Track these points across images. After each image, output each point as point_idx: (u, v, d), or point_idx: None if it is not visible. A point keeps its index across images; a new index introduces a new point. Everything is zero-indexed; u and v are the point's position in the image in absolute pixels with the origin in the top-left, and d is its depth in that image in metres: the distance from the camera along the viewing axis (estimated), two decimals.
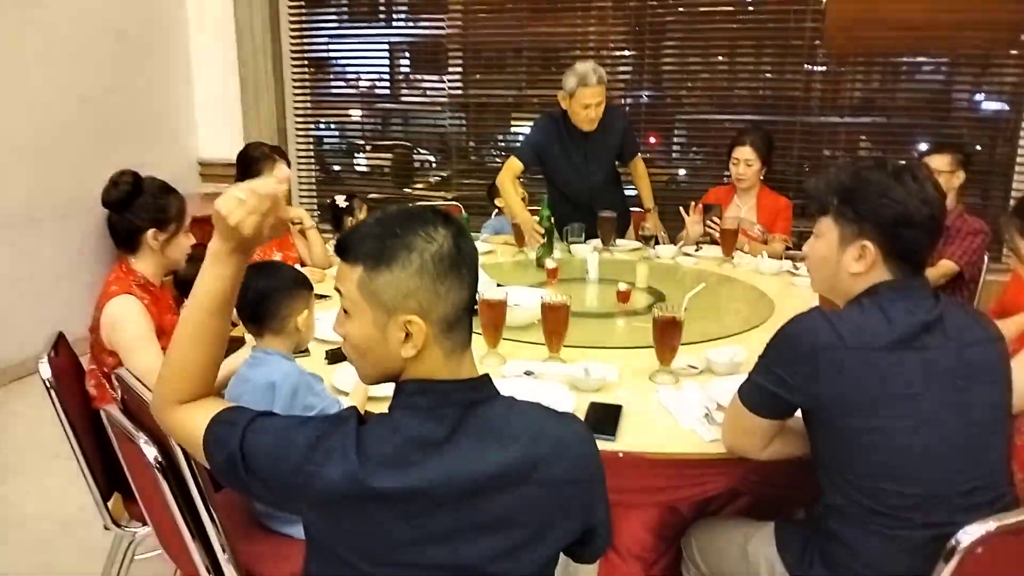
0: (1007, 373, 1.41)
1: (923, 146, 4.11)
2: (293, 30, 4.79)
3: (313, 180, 5.06)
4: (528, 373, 1.90)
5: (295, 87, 4.89)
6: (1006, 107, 3.94)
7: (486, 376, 1.09)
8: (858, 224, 1.38)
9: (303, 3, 4.76)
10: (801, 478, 1.53)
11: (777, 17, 4.10)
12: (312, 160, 5.04)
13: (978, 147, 4.00)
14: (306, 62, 4.87)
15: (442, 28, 4.60)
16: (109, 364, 2.00)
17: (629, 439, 1.61)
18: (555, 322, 1.97)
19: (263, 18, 4.56)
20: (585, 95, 3.22)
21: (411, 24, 4.72)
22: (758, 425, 1.45)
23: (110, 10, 4.20)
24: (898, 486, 1.30)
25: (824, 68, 4.11)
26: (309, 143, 5.01)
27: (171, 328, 2.09)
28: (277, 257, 3.00)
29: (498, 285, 2.35)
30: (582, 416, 1.67)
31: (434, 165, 4.92)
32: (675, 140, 4.49)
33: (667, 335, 1.88)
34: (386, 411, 1.06)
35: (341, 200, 3.49)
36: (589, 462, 1.11)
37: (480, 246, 3.27)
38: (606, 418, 1.67)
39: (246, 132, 4.70)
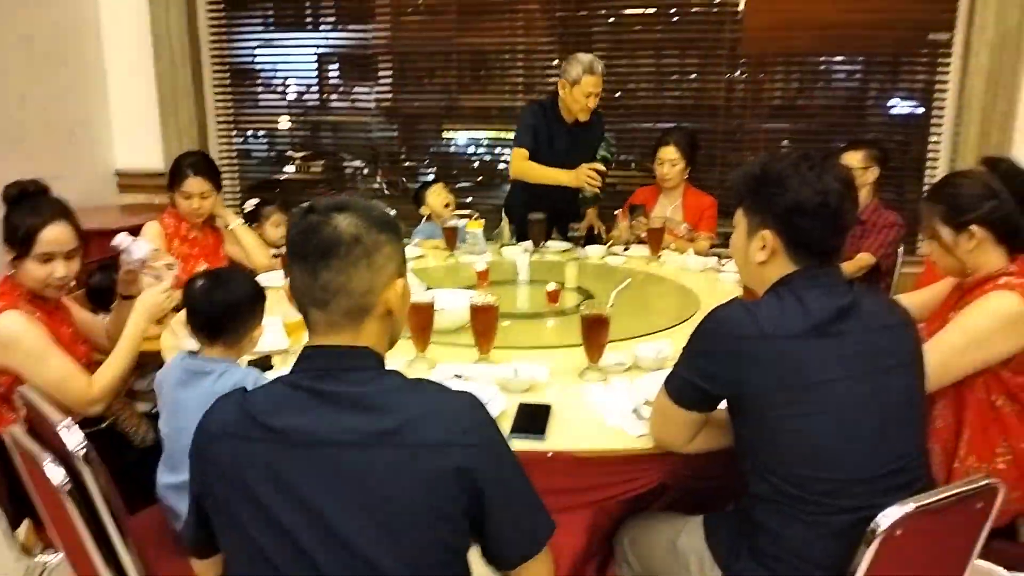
0: (920, 357, 1.45)
1: (841, 144, 4.24)
2: (213, 37, 4.66)
3: (238, 190, 4.93)
4: (457, 376, 1.87)
5: (217, 96, 4.77)
6: (918, 106, 4.09)
7: (365, 350, 1.14)
8: (760, 215, 1.43)
9: (223, 9, 4.64)
10: (730, 469, 1.53)
11: (698, 23, 4.18)
12: (236, 169, 4.91)
13: (892, 145, 4.15)
14: (228, 70, 4.74)
15: (370, 36, 4.55)
16: (3, 383, 1.89)
17: (558, 439, 1.60)
18: (484, 324, 1.95)
19: (181, 24, 4.43)
20: (589, 83, 3.28)
21: (339, 32, 4.65)
22: (683, 417, 1.46)
23: (16, 17, 4.02)
24: (818, 472, 1.32)
25: (745, 73, 4.20)
26: (232, 153, 4.89)
27: (69, 341, 2.02)
28: (203, 268, 2.91)
29: (427, 288, 2.32)
30: (511, 417, 1.65)
31: (365, 174, 4.86)
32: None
33: (594, 332, 1.89)
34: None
35: (249, 204, 3.40)
36: (470, 428, 1.09)
37: (410, 250, 3.23)
38: (535, 418, 1.66)
39: (165, 142, 4.55)
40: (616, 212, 3.55)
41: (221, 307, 1.67)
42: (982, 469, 1.72)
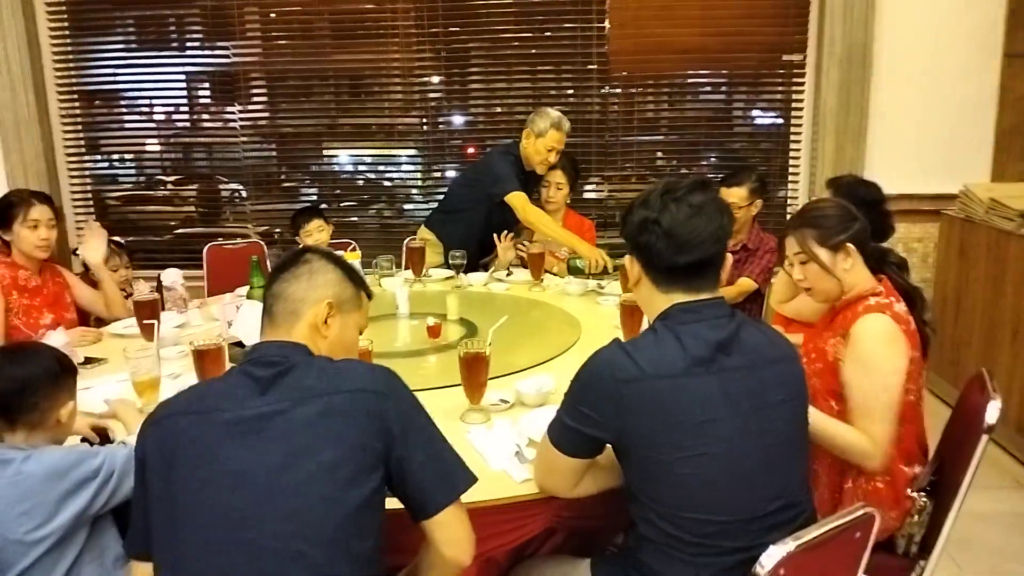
0: (803, 390, 1.44)
1: (711, 157, 4.42)
2: (58, 61, 4.33)
3: (95, 220, 4.59)
4: None
5: (64, 122, 4.43)
6: (778, 120, 4.27)
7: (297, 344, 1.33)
8: (626, 243, 1.49)
9: (67, 32, 4.32)
10: (615, 507, 1.51)
11: (569, 43, 4.22)
12: (89, 199, 4.57)
13: (757, 156, 4.33)
14: (76, 95, 4.42)
15: (240, 56, 4.35)
16: None
17: None
18: None
19: (19, 48, 4.09)
20: (553, 138, 3.30)
21: (207, 52, 4.43)
22: (567, 464, 1.42)
23: None
24: (702, 514, 1.31)
25: (616, 90, 4.27)
26: (85, 181, 4.55)
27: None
28: (47, 320, 2.66)
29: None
30: None
31: (244, 196, 4.65)
32: None
33: (474, 372, 1.83)
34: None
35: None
36: (379, 379, 1.28)
37: None
38: None
39: (9, 175, 4.20)
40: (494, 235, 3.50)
41: (12, 384, 1.47)
42: (868, 489, 1.77)
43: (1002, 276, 3.39)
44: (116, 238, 3.29)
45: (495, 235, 3.46)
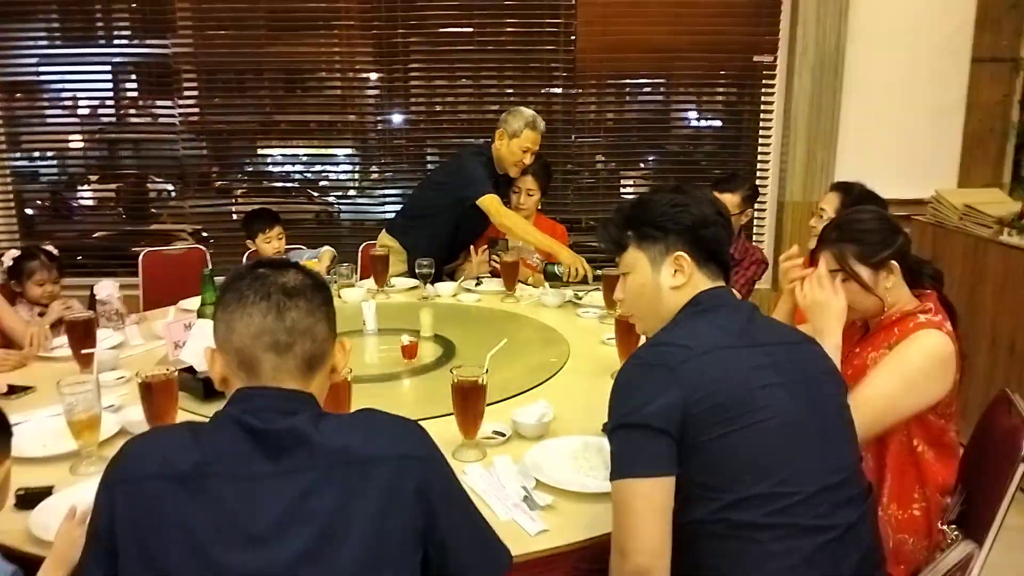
0: (837, 371, 1.43)
1: (673, 158, 4.29)
2: None
3: (15, 222, 4.19)
4: None
5: None
6: (747, 123, 4.17)
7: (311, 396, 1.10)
8: (663, 240, 1.38)
9: None
10: None
11: (526, 41, 4.04)
12: (10, 198, 4.17)
13: (727, 156, 4.23)
14: None
15: (171, 49, 4.03)
16: None
17: None
18: (330, 403, 1.60)
19: None
20: (529, 139, 3.11)
21: (136, 44, 4.09)
22: (654, 491, 1.19)
23: None
24: (774, 486, 1.20)
25: (572, 91, 4.09)
26: (6, 180, 4.14)
27: None
28: None
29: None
30: None
31: (173, 195, 4.33)
32: (429, 164, 4.27)
33: (470, 403, 1.61)
34: None
35: (8, 257, 2.83)
36: (422, 441, 1.08)
37: None
38: None
39: None
40: (469, 247, 3.29)
41: None
42: (902, 518, 1.64)
43: (979, 284, 3.33)
44: (48, 247, 2.96)
45: (471, 247, 3.24)
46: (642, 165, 4.40)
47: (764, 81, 4.05)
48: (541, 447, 1.62)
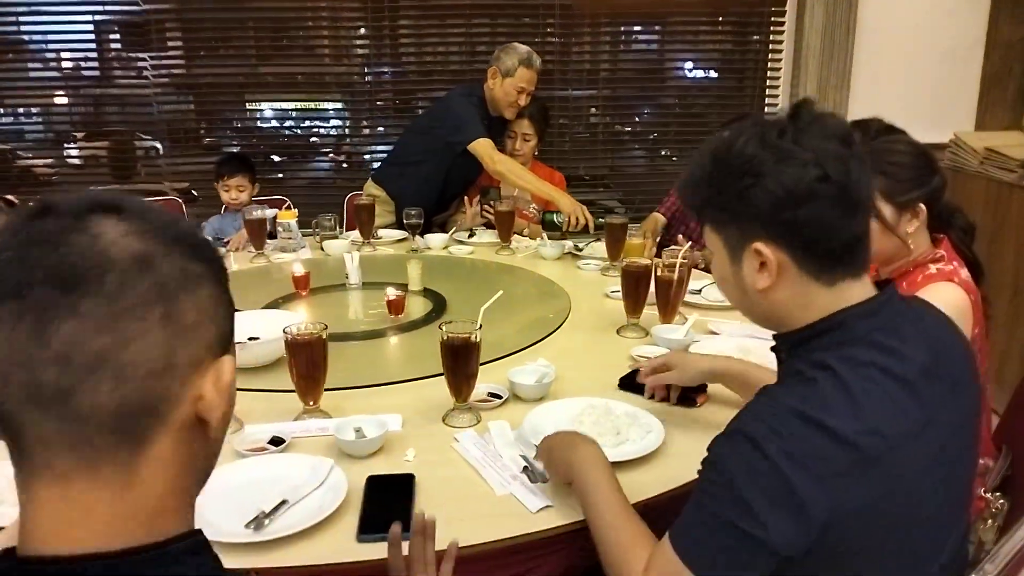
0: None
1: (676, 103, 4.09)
2: None
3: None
4: (275, 442, 1.35)
5: None
6: (757, 61, 3.94)
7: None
8: (736, 225, 0.97)
9: None
10: None
11: None
12: None
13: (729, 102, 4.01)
14: None
15: (155, 3, 3.78)
16: None
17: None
18: (308, 363, 1.42)
19: None
20: (524, 77, 2.89)
21: None
22: None
23: None
24: None
25: (567, 39, 3.85)
26: None
27: None
28: None
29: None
30: (356, 512, 1.16)
31: (161, 152, 4.13)
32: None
33: (461, 362, 1.43)
34: None
35: None
36: None
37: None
38: (394, 500, 1.18)
39: None
40: (460, 196, 3.08)
41: None
42: None
43: (1001, 231, 3.15)
44: (9, 196, 2.73)
45: (464, 196, 3.03)
46: (637, 119, 4.18)
47: (773, 19, 3.81)
48: (542, 410, 1.44)
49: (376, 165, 3.56)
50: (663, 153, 4.23)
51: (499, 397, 1.53)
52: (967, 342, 1.05)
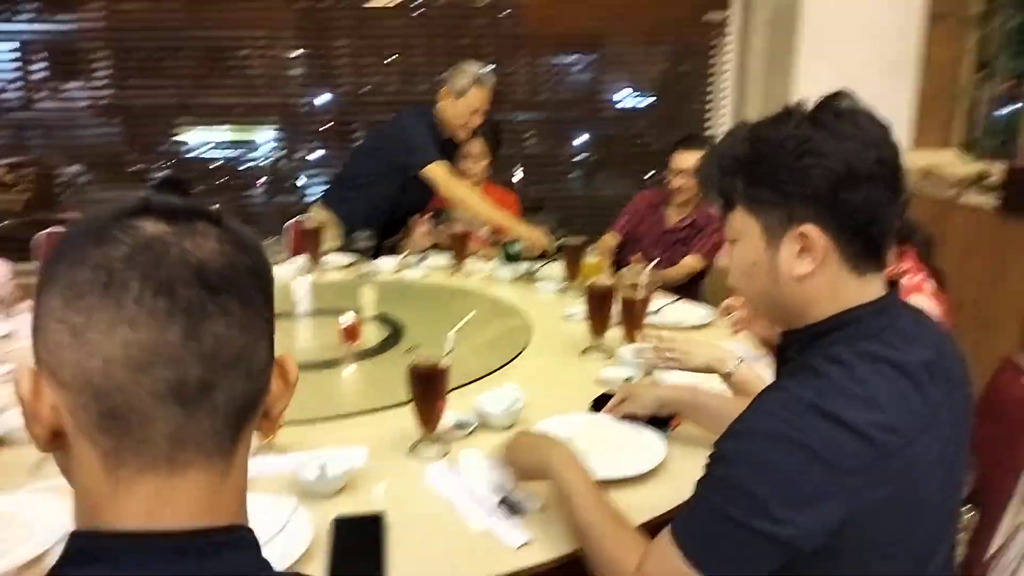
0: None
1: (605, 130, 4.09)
2: None
3: None
4: None
5: None
6: (704, 84, 3.99)
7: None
8: (784, 205, 0.92)
9: None
10: None
11: (449, 14, 3.75)
12: None
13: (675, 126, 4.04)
14: None
15: (81, 25, 3.63)
16: None
17: (404, 570, 1.05)
18: None
19: None
20: (477, 98, 2.79)
21: (43, 20, 3.67)
22: None
23: None
24: None
25: (506, 67, 3.83)
26: None
27: None
28: None
29: None
30: (322, 560, 1.07)
31: (87, 181, 3.94)
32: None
33: (430, 391, 1.35)
34: None
35: None
36: None
37: None
38: (364, 544, 1.09)
39: None
40: (412, 219, 2.99)
41: None
42: None
43: (941, 249, 3.21)
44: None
45: (410, 217, 2.95)
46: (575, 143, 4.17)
47: (715, 41, 3.86)
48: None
49: (311, 191, 3.46)
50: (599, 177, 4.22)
51: (467, 426, 1.45)
52: (958, 345, 1.03)
